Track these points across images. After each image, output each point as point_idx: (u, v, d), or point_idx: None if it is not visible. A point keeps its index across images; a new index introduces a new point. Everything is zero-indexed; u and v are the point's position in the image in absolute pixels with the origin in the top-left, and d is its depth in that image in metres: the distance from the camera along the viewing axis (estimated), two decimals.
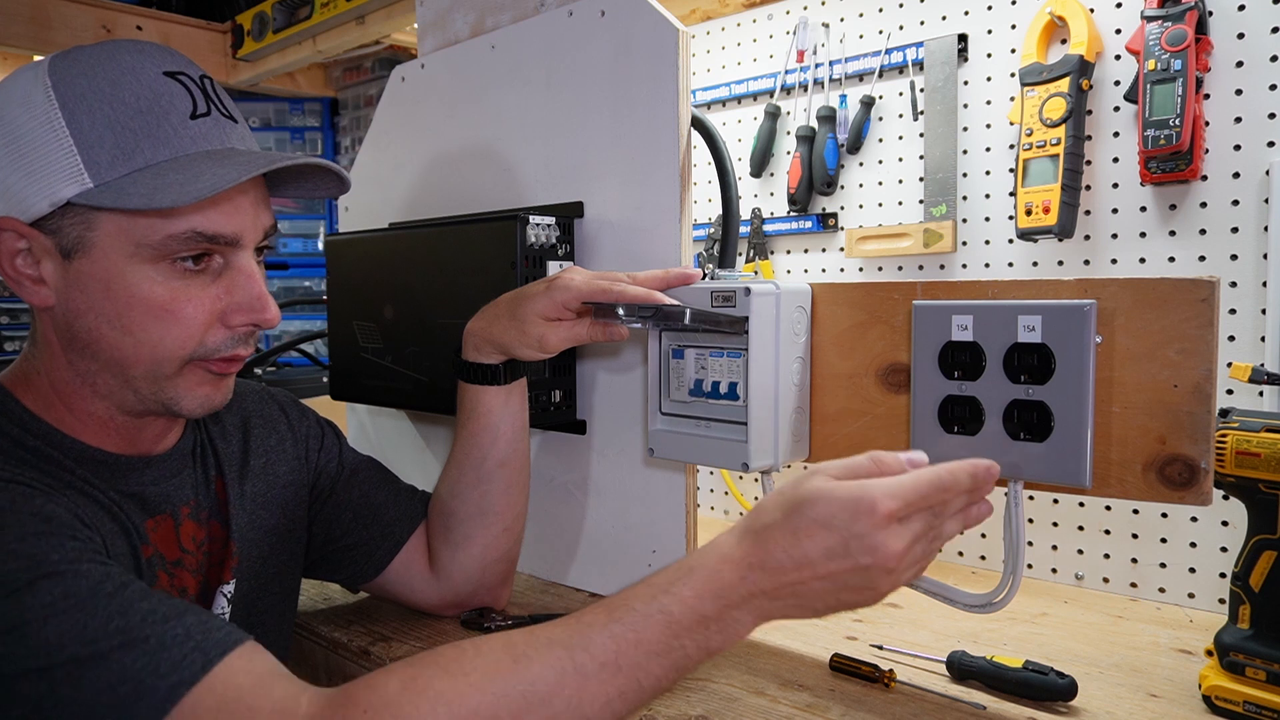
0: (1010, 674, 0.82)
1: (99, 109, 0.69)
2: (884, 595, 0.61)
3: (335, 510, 0.96)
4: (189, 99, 0.72)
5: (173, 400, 0.74)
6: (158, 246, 0.70)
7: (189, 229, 0.70)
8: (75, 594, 0.58)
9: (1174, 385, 0.69)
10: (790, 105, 1.47)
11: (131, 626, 0.58)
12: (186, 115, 0.71)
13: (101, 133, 0.68)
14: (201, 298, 0.72)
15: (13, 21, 1.93)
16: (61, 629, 0.57)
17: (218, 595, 0.83)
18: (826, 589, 0.61)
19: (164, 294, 0.71)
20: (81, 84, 0.69)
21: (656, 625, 0.60)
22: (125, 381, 0.73)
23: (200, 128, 0.72)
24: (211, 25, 2.26)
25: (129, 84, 0.70)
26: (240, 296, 0.74)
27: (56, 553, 0.60)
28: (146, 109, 0.70)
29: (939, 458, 0.78)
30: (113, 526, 0.72)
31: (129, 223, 0.69)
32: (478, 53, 1.20)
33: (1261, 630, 0.78)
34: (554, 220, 1.04)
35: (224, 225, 0.72)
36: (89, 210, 0.69)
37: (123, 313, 0.71)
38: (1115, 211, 1.14)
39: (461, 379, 0.94)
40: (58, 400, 0.75)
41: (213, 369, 0.75)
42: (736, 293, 0.82)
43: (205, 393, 0.76)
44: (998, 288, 0.77)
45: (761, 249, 1.50)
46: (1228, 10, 1.05)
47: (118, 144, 0.69)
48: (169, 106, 0.71)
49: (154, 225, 0.69)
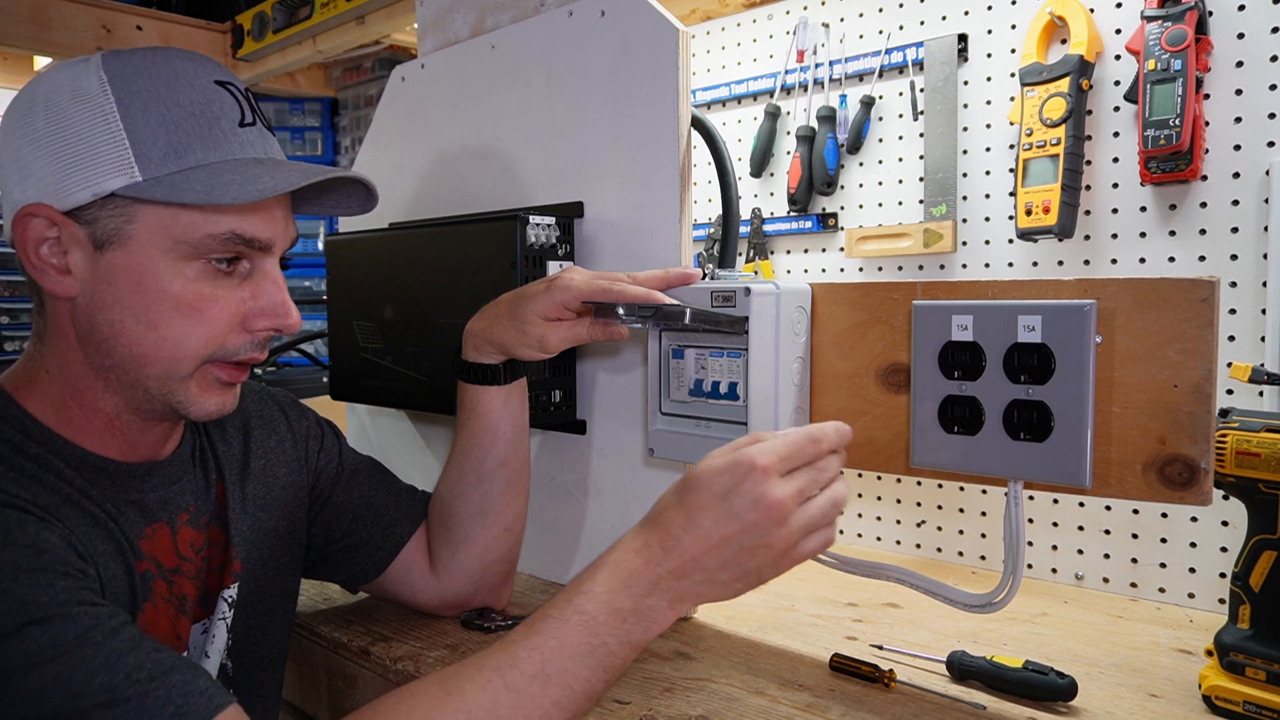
0: (1010, 674, 0.82)
1: (154, 107, 0.70)
2: (785, 556, 0.65)
3: (335, 511, 0.96)
4: (238, 108, 0.74)
5: (181, 403, 0.75)
6: (195, 245, 0.71)
7: (229, 230, 0.71)
8: (62, 643, 0.58)
9: (1174, 385, 0.69)
10: (790, 105, 1.47)
11: (116, 684, 0.57)
12: (236, 123, 0.74)
13: (155, 130, 0.70)
14: (228, 299, 0.73)
15: (13, 21, 1.93)
16: (45, 680, 0.56)
17: (219, 600, 0.83)
18: (727, 556, 0.64)
19: (193, 292, 0.72)
20: (138, 82, 0.71)
21: (575, 627, 0.63)
22: (137, 380, 0.73)
23: (248, 135, 0.74)
24: (211, 25, 2.25)
25: (183, 87, 0.72)
26: (265, 301, 0.75)
27: (46, 594, 0.59)
28: (200, 112, 0.72)
29: (939, 457, 0.79)
30: (107, 547, 0.71)
31: (171, 219, 0.70)
32: (478, 53, 1.20)
33: (1261, 630, 0.78)
34: (554, 220, 1.04)
35: (261, 230, 0.73)
36: (132, 203, 0.70)
37: (150, 307, 0.71)
38: (1115, 211, 1.15)
39: (461, 379, 0.94)
40: (67, 398, 0.74)
41: (223, 376, 0.75)
42: (736, 293, 0.82)
43: (216, 400, 0.76)
44: (998, 288, 0.77)
45: (761, 249, 1.50)
46: (1228, 10, 1.05)
47: (171, 142, 0.70)
48: (219, 113, 0.73)
49: (195, 224, 0.71)
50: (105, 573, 0.69)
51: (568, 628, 0.63)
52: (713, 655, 0.92)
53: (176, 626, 0.78)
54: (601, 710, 0.80)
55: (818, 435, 0.67)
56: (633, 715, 0.79)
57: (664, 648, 0.94)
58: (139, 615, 0.73)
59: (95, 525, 0.71)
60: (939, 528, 1.30)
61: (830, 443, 0.68)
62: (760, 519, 0.63)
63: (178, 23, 2.20)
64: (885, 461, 0.84)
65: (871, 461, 0.85)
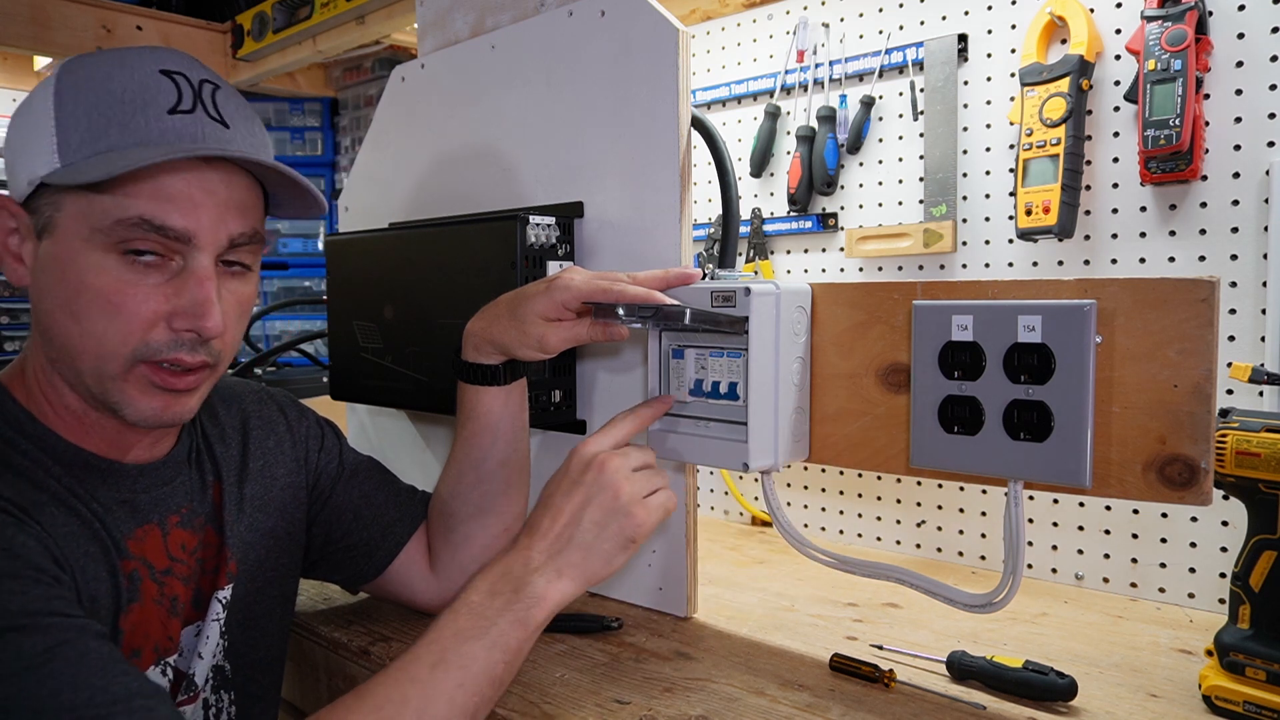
0: (1010, 674, 0.82)
1: (84, 96, 0.70)
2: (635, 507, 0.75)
3: (335, 511, 0.96)
4: (175, 95, 0.72)
5: (117, 404, 0.72)
6: (108, 232, 0.69)
7: (138, 216, 0.69)
8: (29, 655, 0.56)
9: (1174, 385, 0.69)
10: (790, 105, 1.47)
11: (80, 704, 0.56)
12: (165, 110, 0.71)
13: (79, 117, 0.70)
14: (149, 294, 0.70)
15: (12, 21, 1.93)
16: (8, 693, 0.55)
17: (213, 601, 0.83)
18: (589, 521, 0.74)
19: (110, 284, 0.69)
20: (81, 74, 0.71)
21: (464, 616, 0.71)
22: (76, 376, 0.72)
23: (175, 123, 0.71)
24: (211, 25, 2.25)
25: (120, 76, 0.71)
26: (185, 300, 0.71)
27: (16, 602, 0.59)
28: (129, 100, 0.70)
29: (939, 458, 0.79)
30: (91, 547, 0.70)
31: (87, 206, 0.69)
32: (478, 53, 1.20)
33: (1261, 630, 0.78)
34: (554, 220, 1.04)
35: (175, 219, 0.69)
36: (57, 192, 0.70)
37: (72, 298, 0.70)
38: (1115, 211, 1.14)
39: (461, 379, 0.94)
40: (38, 392, 0.75)
41: (155, 380, 0.72)
42: (736, 293, 0.82)
43: (156, 405, 0.73)
44: (998, 288, 0.77)
45: (761, 249, 1.50)
46: (1228, 10, 1.05)
47: (90, 128, 0.69)
48: (149, 100, 0.71)
49: (107, 210, 0.69)
50: (86, 575, 0.69)
51: (458, 618, 0.71)
52: (713, 655, 0.92)
53: (167, 627, 0.77)
54: (601, 710, 0.80)
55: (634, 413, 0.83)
56: (633, 715, 0.79)
57: (664, 648, 0.94)
58: (125, 616, 0.73)
59: (81, 524, 0.71)
60: (939, 528, 1.30)
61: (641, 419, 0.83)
62: (593, 475, 0.75)
63: (178, 23, 2.20)
64: (885, 461, 0.84)
65: (871, 461, 0.85)
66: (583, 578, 0.73)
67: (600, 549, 0.73)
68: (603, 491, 0.74)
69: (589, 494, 0.74)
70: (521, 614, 0.71)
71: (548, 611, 0.72)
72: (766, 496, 0.90)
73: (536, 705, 0.81)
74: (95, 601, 0.70)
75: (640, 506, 0.74)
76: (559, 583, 0.72)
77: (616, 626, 0.98)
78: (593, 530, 0.73)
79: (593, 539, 0.73)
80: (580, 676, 0.87)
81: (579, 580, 0.73)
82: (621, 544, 0.74)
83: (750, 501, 1.53)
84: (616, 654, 0.93)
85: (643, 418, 0.84)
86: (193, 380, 0.74)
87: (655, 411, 0.86)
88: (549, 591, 0.72)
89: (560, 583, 0.72)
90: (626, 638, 0.97)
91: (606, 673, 0.88)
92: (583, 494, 0.74)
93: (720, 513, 1.59)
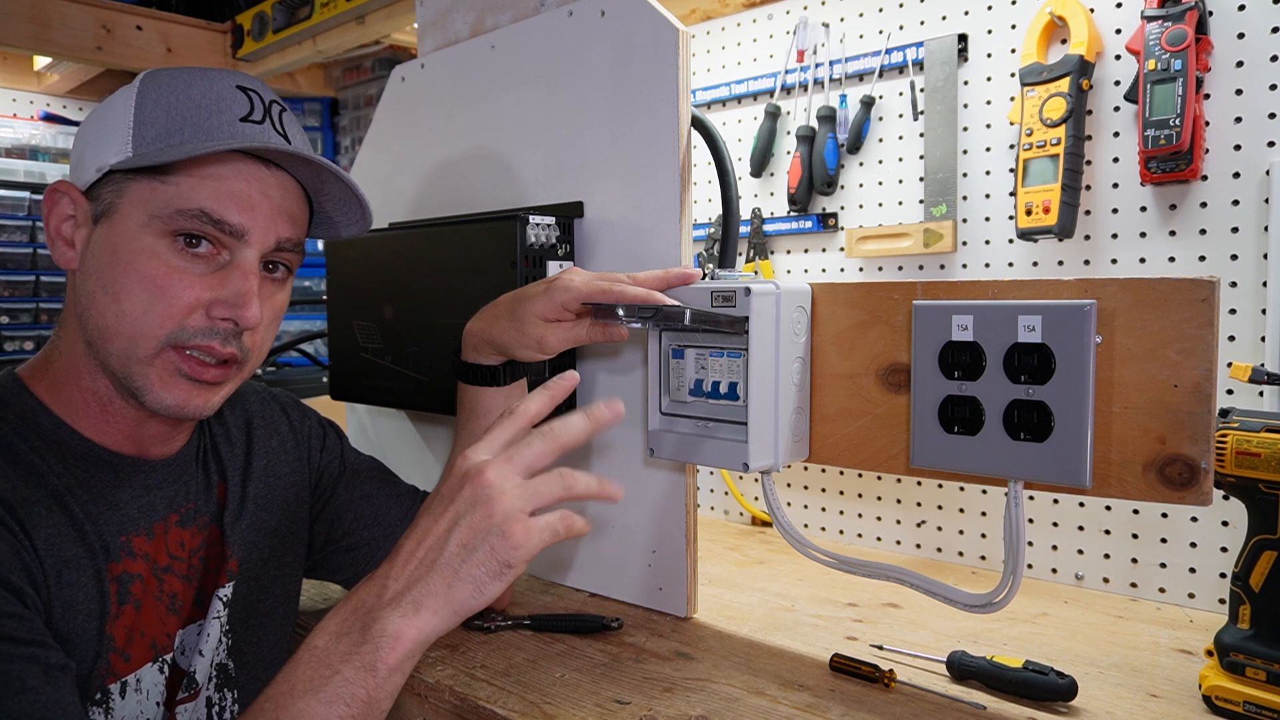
0: (1010, 674, 0.82)
1: (164, 99, 0.75)
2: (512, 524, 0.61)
3: (337, 511, 0.96)
4: (248, 106, 0.76)
5: (140, 389, 0.73)
6: (167, 220, 0.72)
7: (198, 207, 0.72)
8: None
9: (1174, 385, 0.69)
10: (790, 105, 1.47)
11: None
12: (237, 117, 0.75)
13: (157, 116, 0.74)
14: (194, 282, 0.73)
15: (13, 21, 1.93)
16: None
17: (213, 600, 0.83)
18: (455, 544, 0.61)
19: (159, 268, 0.72)
20: (164, 80, 0.76)
21: (304, 664, 0.61)
22: (105, 358, 0.74)
23: (244, 128, 0.75)
24: (211, 25, 2.25)
25: (200, 86, 0.76)
26: (228, 290, 0.74)
27: None
28: (205, 106, 0.75)
29: (940, 458, 0.79)
30: (77, 551, 0.70)
31: (151, 193, 0.73)
32: (478, 53, 1.20)
33: (1261, 630, 0.78)
34: (554, 220, 1.04)
35: (233, 214, 0.73)
36: (124, 178, 0.73)
37: (119, 278, 0.72)
38: (1115, 211, 1.14)
39: (461, 380, 0.94)
40: (69, 380, 0.76)
41: (184, 368, 0.74)
42: (736, 293, 0.82)
43: (179, 394, 0.74)
44: (998, 288, 0.77)
45: (761, 249, 1.50)
46: (1228, 10, 1.05)
47: (167, 126, 0.73)
48: (224, 108, 0.75)
49: (169, 199, 0.72)
50: (64, 580, 0.69)
51: (298, 666, 0.62)
52: (713, 655, 0.92)
53: (165, 625, 0.78)
54: (601, 710, 0.80)
55: (515, 409, 0.67)
56: (633, 715, 0.79)
57: (664, 648, 0.94)
58: (114, 621, 0.73)
59: (71, 525, 0.71)
60: (939, 528, 1.30)
61: (529, 413, 0.67)
62: (469, 490, 0.62)
63: (178, 23, 2.20)
64: (885, 461, 0.84)
65: (872, 461, 0.85)
66: (449, 609, 0.61)
67: (469, 574, 0.61)
68: (474, 509, 0.61)
69: (459, 512, 0.62)
70: (368, 659, 0.60)
71: (404, 653, 0.60)
72: (766, 496, 0.90)
73: (536, 705, 0.81)
74: (71, 609, 0.69)
75: (518, 525, 0.61)
76: (416, 617, 0.60)
77: (616, 626, 0.98)
78: (459, 554, 0.61)
79: (459, 564, 0.61)
80: (580, 676, 0.87)
81: (443, 613, 0.61)
82: (494, 570, 0.61)
83: (750, 501, 1.53)
84: (616, 654, 0.93)
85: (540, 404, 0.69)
86: (218, 374, 0.76)
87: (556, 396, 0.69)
88: (404, 629, 0.60)
89: (418, 617, 0.60)
90: (626, 638, 0.97)
91: (606, 673, 0.88)
92: (453, 512, 0.62)
93: (720, 513, 1.59)
